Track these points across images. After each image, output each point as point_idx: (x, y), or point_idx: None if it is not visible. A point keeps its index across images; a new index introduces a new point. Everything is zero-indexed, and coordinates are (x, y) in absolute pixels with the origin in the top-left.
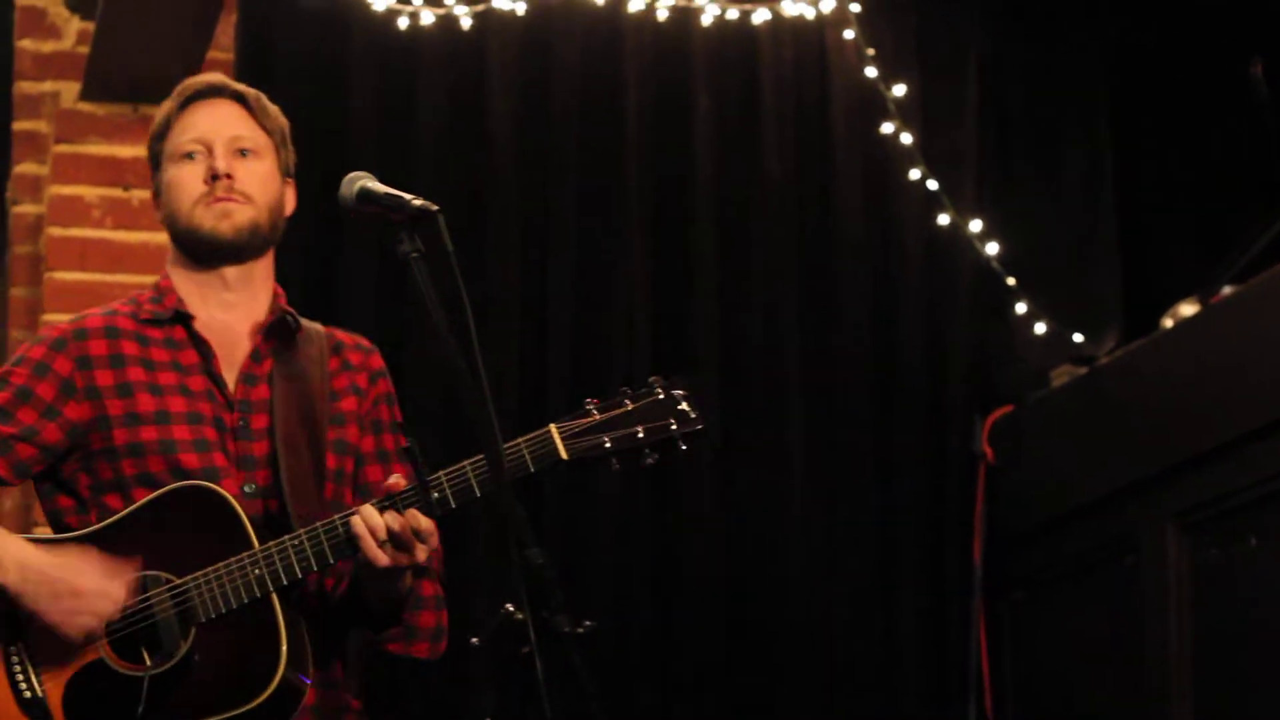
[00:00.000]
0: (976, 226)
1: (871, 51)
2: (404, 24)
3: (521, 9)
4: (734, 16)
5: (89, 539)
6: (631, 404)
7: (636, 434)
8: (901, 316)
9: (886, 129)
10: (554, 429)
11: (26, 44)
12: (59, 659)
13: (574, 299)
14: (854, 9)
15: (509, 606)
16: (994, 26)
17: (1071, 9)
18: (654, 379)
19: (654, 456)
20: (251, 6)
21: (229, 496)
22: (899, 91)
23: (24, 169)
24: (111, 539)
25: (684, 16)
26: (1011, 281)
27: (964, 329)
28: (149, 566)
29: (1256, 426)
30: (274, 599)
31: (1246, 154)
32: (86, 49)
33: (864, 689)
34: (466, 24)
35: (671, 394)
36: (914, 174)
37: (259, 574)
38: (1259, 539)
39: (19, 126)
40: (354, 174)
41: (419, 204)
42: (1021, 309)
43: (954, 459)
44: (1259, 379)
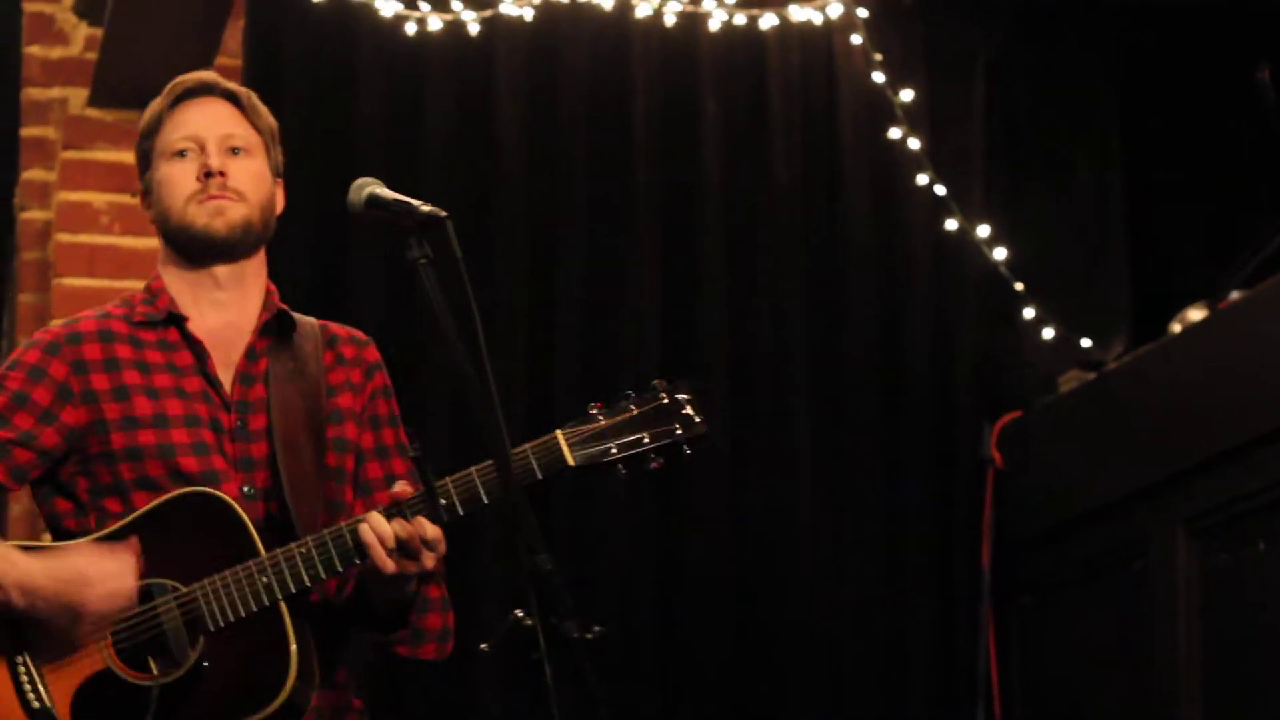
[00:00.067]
0: (984, 231)
1: (879, 56)
2: (412, 30)
3: (529, 15)
4: (741, 22)
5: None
6: (636, 409)
7: (642, 439)
8: (909, 321)
9: (894, 134)
10: (560, 435)
11: (35, 50)
12: (66, 668)
13: (582, 304)
14: (861, 14)
15: (518, 612)
16: (1002, 31)
17: (1079, 14)
18: (657, 382)
19: (659, 461)
20: (259, 12)
21: (233, 503)
22: (906, 96)
23: (32, 175)
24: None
25: (691, 22)
26: (1019, 286)
27: (972, 334)
28: (154, 574)
29: (1265, 431)
30: (282, 606)
31: (1254, 158)
32: (95, 55)
33: (872, 694)
34: (474, 29)
35: (676, 398)
36: (922, 179)
37: (267, 582)
38: (1268, 544)
39: (27, 132)
40: (362, 180)
41: (427, 210)
42: (1029, 314)
43: (962, 464)
44: (1268, 383)
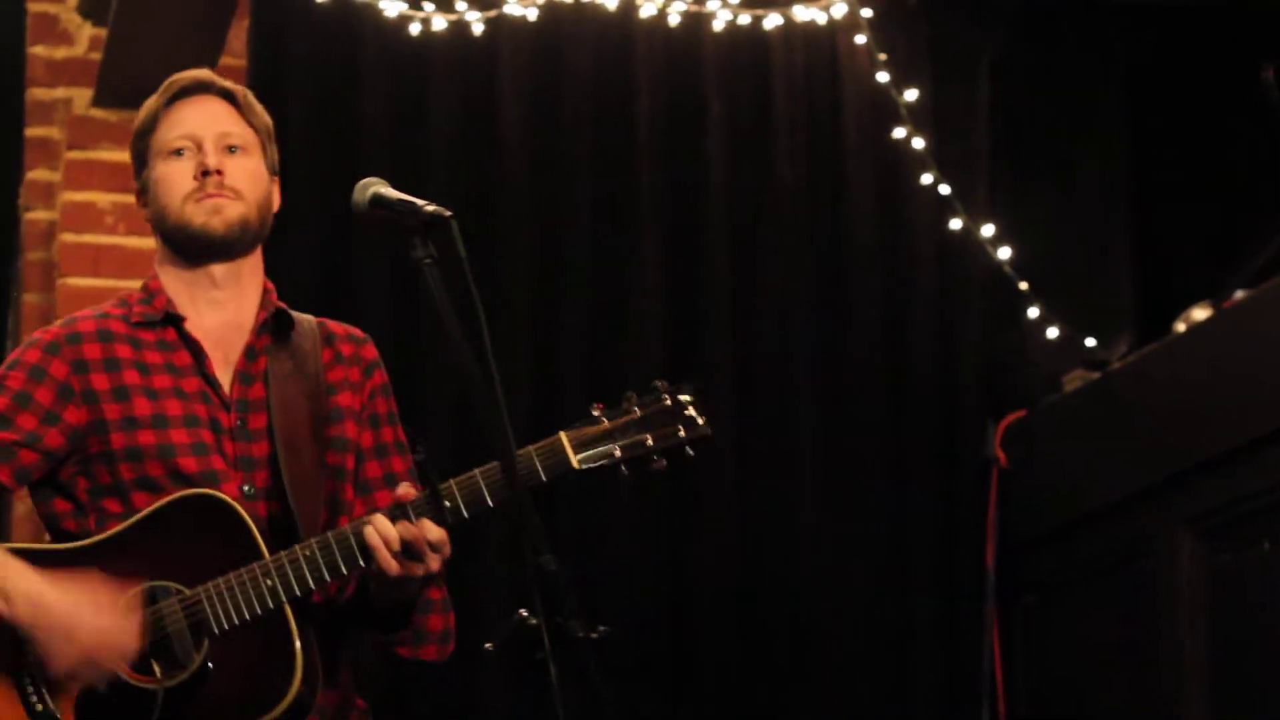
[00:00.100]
0: (989, 231)
1: (883, 56)
2: (416, 30)
3: (533, 14)
4: (745, 22)
5: (95, 550)
6: (639, 411)
7: (645, 441)
8: (913, 321)
9: (898, 134)
10: (564, 437)
11: (39, 50)
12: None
13: (586, 304)
14: (866, 14)
15: (523, 612)
16: (1006, 31)
17: (1084, 14)
18: (659, 384)
19: (663, 462)
20: (263, 12)
21: (236, 505)
22: (911, 96)
23: (36, 175)
24: (118, 550)
25: (695, 22)
26: (1024, 286)
27: (976, 333)
28: (157, 577)
29: (1270, 431)
30: (286, 608)
31: (1259, 158)
32: (99, 55)
33: (876, 694)
34: (478, 29)
35: (678, 399)
36: (926, 179)
37: (271, 584)
38: (1272, 544)
39: (31, 133)
40: (366, 180)
41: (432, 209)
42: (1034, 313)
43: (966, 463)
44: (1272, 383)
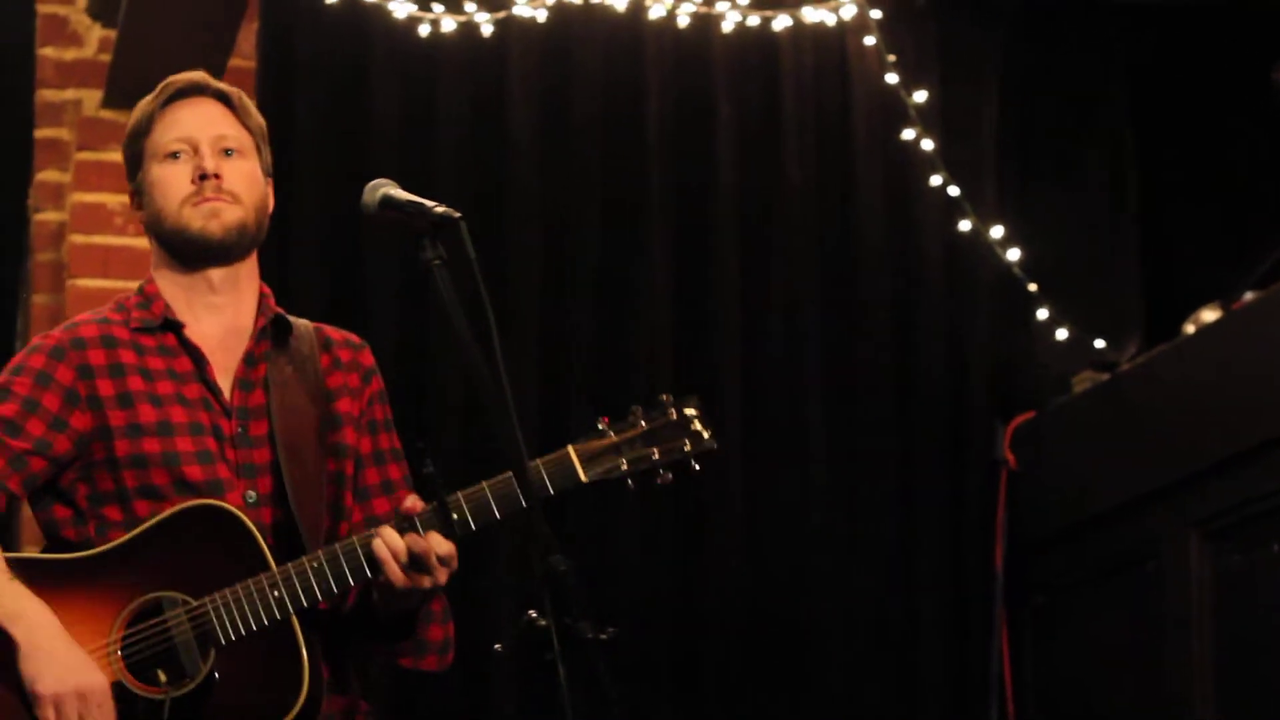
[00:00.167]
0: (998, 232)
1: (892, 58)
2: (425, 31)
3: (542, 16)
4: (755, 23)
5: (99, 561)
6: (646, 424)
7: (652, 455)
8: (922, 323)
9: (907, 135)
10: (572, 451)
11: (48, 52)
12: None
13: (595, 305)
14: (875, 15)
15: (532, 613)
16: (1015, 32)
17: (1093, 14)
18: (665, 397)
19: (668, 476)
20: (273, 14)
21: (243, 516)
22: (920, 98)
23: (46, 176)
24: (123, 560)
25: (705, 23)
26: (1033, 287)
27: (985, 335)
28: (163, 587)
29: (1279, 433)
30: (294, 620)
31: (1268, 159)
32: (108, 57)
33: (885, 694)
34: (487, 31)
35: (683, 413)
36: (935, 180)
37: (279, 595)
38: None
39: (41, 134)
40: (376, 181)
41: (441, 211)
42: (1043, 315)
43: (975, 465)
44: None
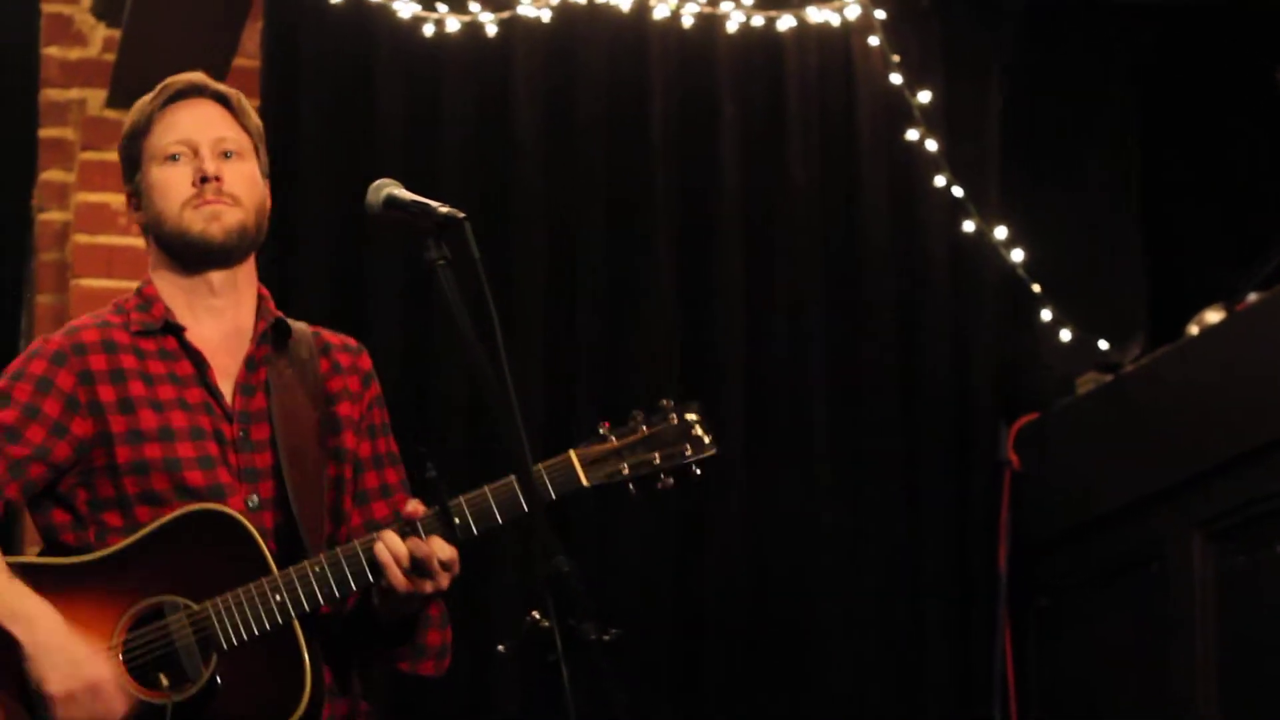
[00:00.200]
0: (1001, 233)
1: (896, 58)
2: (429, 31)
3: (547, 16)
4: (759, 23)
5: (101, 565)
6: (647, 429)
7: (653, 460)
8: (926, 323)
9: (911, 136)
10: (574, 456)
11: (53, 51)
12: None
13: (600, 305)
14: (879, 16)
15: (535, 614)
16: (1019, 32)
17: (1096, 14)
18: (665, 402)
19: (670, 481)
20: (277, 13)
21: (244, 520)
22: (924, 98)
23: (50, 176)
24: (124, 565)
25: (709, 23)
26: (1037, 288)
27: (989, 335)
28: (164, 592)
29: None
30: (295, 624)
31: (1271, 160)
32: (113, 56)
33: (889, 695)
34: (492, 31)
35: (684, 419)
36: (939, 181)
37: (280, 600)
38: None
39: (45, 134)
40: (380, 181)
41: (445, 211)
42: (1047, 316)
43: (979, 465)
44: None
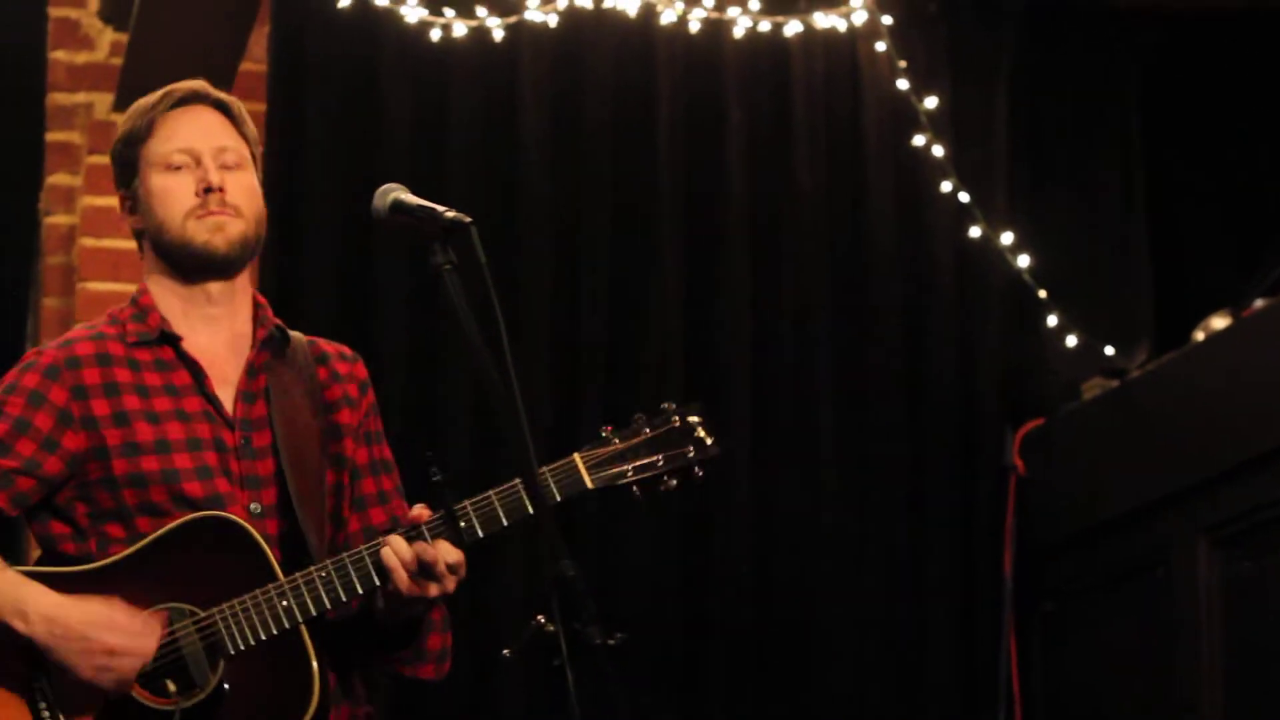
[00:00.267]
0: (1008, 239)
1: (903, 64)
2: (436, 36)
3: (554, 21)
4: (766, 29)
5: (107, 573)
6: (650, 432)
7: (657, 462)
8: (933, 329)
9: (918, 141)
10: (578, 458)
11: (60, 55)
12: (85, 693)
13: (605, 310)
14: (886, 21)
15: (540, 618)
16: (1026, 38)
17: (1104, 20)
18: (667, 405)
19: (673, 483)
20: (284, 17)
21: (249, 527)
22: (931, 103)
23: (57, 180)
24: (129, 573)
25: (716, 29)
26: (1043, 294)
27: (995, 341)
28: (171, 599)
29: None
30: (302, 629)
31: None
32: (120, 60)
33: (894, 700)
34: (499, 36)
35: (687, 420)
36: (945, 186)
37: (287, 605)
38: None
39: (52, 137)
40: (387, 185)
41: (451, 215)
42: (1053, 321)
43: (984, 471)
44: None
